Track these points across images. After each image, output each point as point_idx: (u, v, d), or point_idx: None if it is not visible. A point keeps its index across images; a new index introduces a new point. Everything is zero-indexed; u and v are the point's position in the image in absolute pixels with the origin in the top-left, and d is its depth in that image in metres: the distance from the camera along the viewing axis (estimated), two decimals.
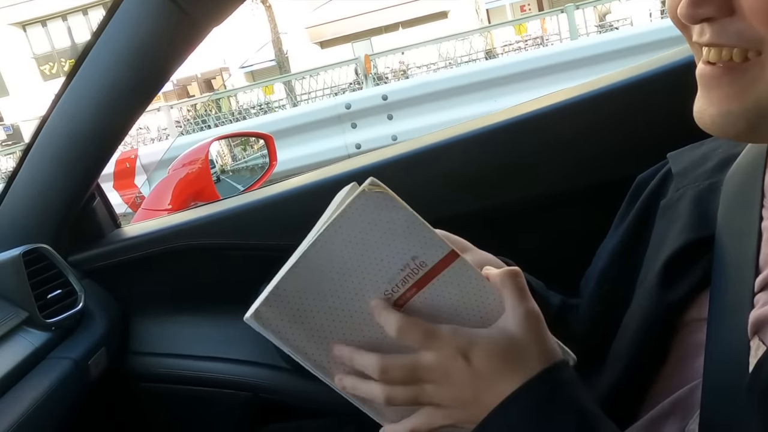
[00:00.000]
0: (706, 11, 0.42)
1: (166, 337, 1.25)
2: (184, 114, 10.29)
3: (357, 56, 8.46)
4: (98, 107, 1.04)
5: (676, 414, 0.47)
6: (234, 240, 1.17)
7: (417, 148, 1.10)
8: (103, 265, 1.21)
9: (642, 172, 0.72)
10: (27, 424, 0.88)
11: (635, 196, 0.68)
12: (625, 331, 0.57)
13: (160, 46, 0.98)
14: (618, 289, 0.62)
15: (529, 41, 11.25)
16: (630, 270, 0.62)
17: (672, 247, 0.54)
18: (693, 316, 0.51)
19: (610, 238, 0.69)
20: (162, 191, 1.70)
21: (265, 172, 1.86)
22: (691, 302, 0.51)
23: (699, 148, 0.62)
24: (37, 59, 23.57)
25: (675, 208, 0.58)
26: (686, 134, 0.95)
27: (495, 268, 0.66)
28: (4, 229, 1.14)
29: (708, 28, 0.43)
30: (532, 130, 1.05)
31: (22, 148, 6.46)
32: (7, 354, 0.93)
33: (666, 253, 0.54)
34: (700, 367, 0.45)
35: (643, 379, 0.52)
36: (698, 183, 0.57)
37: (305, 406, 1.19)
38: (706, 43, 0.44)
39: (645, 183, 0.67)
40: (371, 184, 0.50)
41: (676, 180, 0.61)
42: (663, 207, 0.61)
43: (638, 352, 0.53)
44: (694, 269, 0.52)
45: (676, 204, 0.58)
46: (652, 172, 0.67)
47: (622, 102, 1.02)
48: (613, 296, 0.63)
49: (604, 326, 0.62)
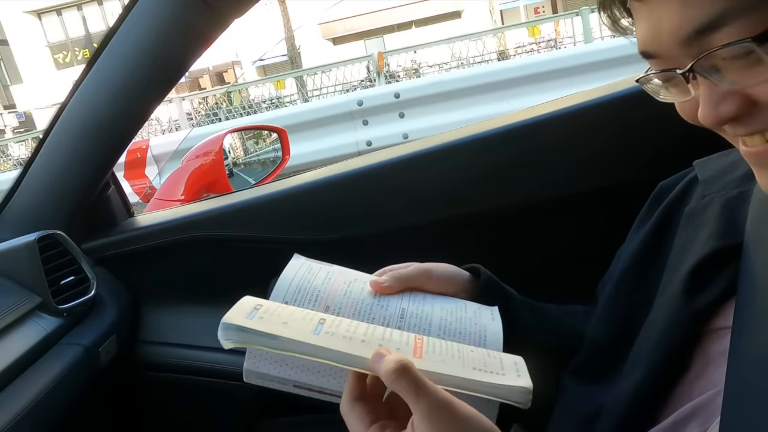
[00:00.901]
0: (728, 110, 0.41)
1: (176, 327, 1.26)
2: (196, 106, 10.32)
3: (370, 53, 8.45)
4: (116, 96, 1.04)
5: (696, 419, 0.47)
6: (246, 232, 1.17)
7: (426, 148, 1.11)
8: (115, 253, 1.22)
9: (647, 177, 0.72)
10: (37, 408, 0.89)
11: (657, 201, 0.67)
12: (646, 337, 0.56)
13: (181, 37, 0.98)
14: (638, 293, 0.62)
15: (542, 43, 11.21)
16: (651, 275, 0.61)
17: (699, 255, 0.53)
18: (718, 324, 0.50)
19: (629, 242, 0.69)
20: (175, 182, 1.70)
21: (277, 166, 1.86)
22: (717, 310, 0.51)
23: (727, 156, 0.62)
24: (51, 48, 23.72)
25: (701, 216, 0.58)
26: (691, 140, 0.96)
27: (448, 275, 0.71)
28: (20, 215, 1.14)
29: (738, 123, 0.43)
30: (538, 133, 1.06)
31: (35, 136, 6.54)
32: (20, 338, 0.94)
33: (692, 260, 0.53)
34: (723, 375, 0.45)
35: (664, 385, 0.52)
36: (726, 191, 0.57)
37: (311, 400, 1.19)
38: (743, 134, 0.44)
39: (668, 189, 0.66)
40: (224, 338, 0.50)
41: (703, 187, 0.61)
42: (687, 214, 0.60)
43: (661, 358, 0.52)
44: (720, 277, 0.51)
45: (702, 211, 0.58)
46: (676, 179, 0.67)
47: (628, 108, 1.02)
48: (633, 300, 0.63)
49: (621, 329, 0.62)
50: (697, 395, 0.48)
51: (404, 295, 0.66)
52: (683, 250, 0.56)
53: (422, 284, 0.69)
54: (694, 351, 0.51)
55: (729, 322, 0.48)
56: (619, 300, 0.64)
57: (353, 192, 1.13)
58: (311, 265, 0.67)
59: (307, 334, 0.50)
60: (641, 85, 0.50)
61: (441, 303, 0.66)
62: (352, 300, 0.63)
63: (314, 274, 0.65)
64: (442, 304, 0.66)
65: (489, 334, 0.62)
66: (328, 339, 0.49)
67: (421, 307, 0.64)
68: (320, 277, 0.64)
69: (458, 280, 0.72)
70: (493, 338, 0.62)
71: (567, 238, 1.08)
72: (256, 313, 0.52)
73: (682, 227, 0.60)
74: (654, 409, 0.52)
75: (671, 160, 0.88)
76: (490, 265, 0.82)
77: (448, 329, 0.61)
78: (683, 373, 0.51)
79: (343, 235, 1.13)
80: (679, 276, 0.54)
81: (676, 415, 0.48)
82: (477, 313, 0.66)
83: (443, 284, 0.70)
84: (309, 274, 0.65)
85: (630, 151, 1.02)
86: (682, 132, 0.97)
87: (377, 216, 1.13)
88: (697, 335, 0.51)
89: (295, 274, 0.64)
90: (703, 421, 0.46)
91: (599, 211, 1.05)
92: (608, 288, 0.67)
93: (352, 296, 0.63)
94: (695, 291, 0.52)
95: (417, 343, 0.52)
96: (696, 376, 0.50)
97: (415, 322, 0.61)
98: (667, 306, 0.54)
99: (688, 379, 0.51)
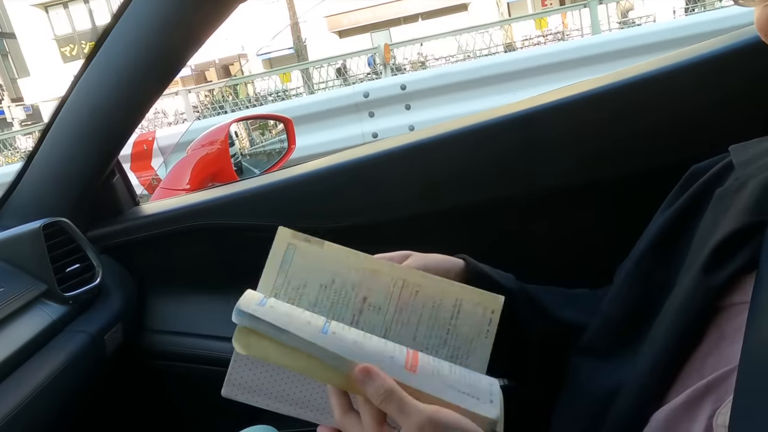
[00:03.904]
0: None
1: (181, 315, 1.26)
2: (202, 99, 10.32)
3: (376, 45, 8.42)
4: (121, 83, 1.04)
5: (710, 396, 0.46)
6: (251, 221, 1.17)
7: (432, 137, 1.10)
8: (121, 241, 1.22)
9: (663, 166, 0.70)
10: (42, 395, 0.89)
11: (688, 184, 0.66)
12: (664, 315, 0.55)
13: (185, 22, 0.98)
14: (658, 273, 0.61)
15: (549, 36, 11.15)
16: (674, 255, 0.60)
17: (725, 231, 0.52)
18: (735, 299, 0.50)
19: (655, 222, 0.68)
20: (181, 171, 1.70)
21: (284, 155, 1.85)
22: (735, 285, 0.50)
23: (764, 143, 0.61)
24: (58, 41, 23.76)
25: (732, 197, 0.57)
26: (713, 127, 0.95)
27: (444, 268, 0.70)
28: (25, 203, 1.14)
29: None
30: (548, 121, 1.04)
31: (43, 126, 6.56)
32: (25, 325, 0.94)
33: (718, 237, 0.53)
34: (737, 352, 0.44)
35: (678, 361, 0.51)
36: (761, 173, 0.56)
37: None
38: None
39: (701, 172, 0.65)
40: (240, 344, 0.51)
41: (738, 170, 0.60)
42: (718, 195, 0.59)
43: (676, 335, 0.52)
44: (742, 252, 0.51)
45: (734, 192, 0.57)
46: (709, 163, 0.66)
47: (635, 97, 1.00)
48: (652, 279, 0.62)
49: (638, 308, 0.61)
50: (708, 371, 0.47)
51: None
52: (710, 231, 0.56)
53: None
54: (708, 326, 0.50)
55: (747, 297, 0.47)
56: (637, 279, 0.64)
57: (359, 180, 1.13)
58: (296, 251, 0.65)
59: (316, 333, 0.51)
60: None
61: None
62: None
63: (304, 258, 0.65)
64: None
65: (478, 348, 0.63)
66: (334, 340, 0.51)
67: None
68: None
69: (453, 274, 0.71)
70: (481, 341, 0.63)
71: (574, 229, 1.06)
72: (266, 302, 0.54)
73: (711, 208, 0.59)
74: (667, 386, 0.51)
75: (687, 149, 0.86)
76: (495, 254, 0.81)
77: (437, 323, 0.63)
78: (696, 347, 0.51)
79: (349, 223, 1.12)
80: (703, 253, 0.53)
81: (688, 393, 0.48)
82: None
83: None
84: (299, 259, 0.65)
85: (645, 139, 1.00)
86: (700, 119, 0.96)
87: (383, 205, 1.12)
88: (713, 309, 0.50)
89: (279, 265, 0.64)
90: (717, 399, 0.45)
91: (605, 203, 1.04)
92: (627, 266, 0.66)
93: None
94: (715, 266, 0.51)
95: (408, 356, 0.53)
96: (708, 352, 0.49)
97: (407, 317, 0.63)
98: (688, 283, 0.53)
99: (700, 354, 0.50)
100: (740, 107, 0.93)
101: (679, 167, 0.71)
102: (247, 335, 0.51)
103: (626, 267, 0.67)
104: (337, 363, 0.49)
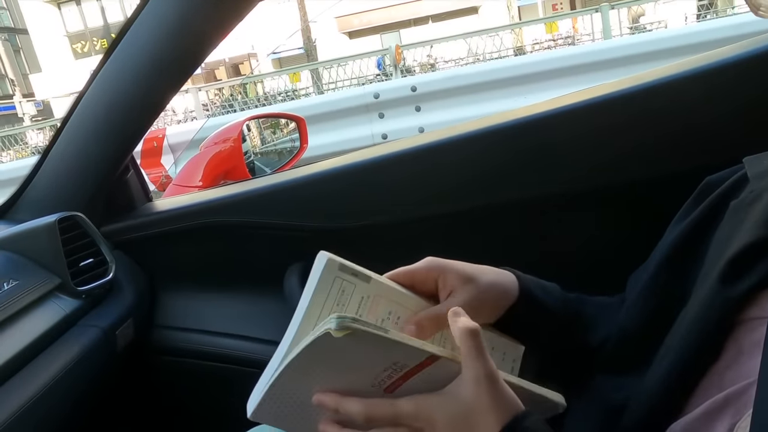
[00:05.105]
0: None
1: (192, 312, 1.26)
2: (211, 98, 10.36)
3: (387, 47, 8.42)
4: (139, 79, 1.04)
5: (728, 409, 0.46)
6: (263, 219, 1.17)
7: (441, 139, 1.09)
8: (133, 237, 1.22)
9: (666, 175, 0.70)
10: (55, 388, 0.90)
11: (702, 196, 0.66)
12: (680, 325, 0.55)
13: (204, 19, 0.98)
14: (674, 285, 0.61)
15: (559, 40, 11.12)
16: (690, 267, 0.60)
17: (741, 243, 0.52)
18: (753, 314, 0.49)
19: (669, 233, 0.67)
20: (193, 168, 1.71)
21: (296, 154, 1.86)
22: (752, 300, 0.50)
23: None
24: (70, 37, 23.92)
25: (747, 209, 0.56)
26: (712, 141, 0.95)
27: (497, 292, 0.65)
28: (41, 197, 1.15)
29: None
30: (553, 127, 1.04)
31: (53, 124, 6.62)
32: (39, 318, 0.95)
33: (733, 249, 0.52)
34: (756, 366, 0.44)
35: (694, 373, 0.51)
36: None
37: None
38: None
39: (714, 185, 0.65)
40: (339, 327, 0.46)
41: (752, 182, 0.59)
42: (733, 207, 0.59)
43: (692, 345, 0.51)
44: (758, 267, 0.50)
45: (749, 205, 0.57)
46: (724, 175, 0.65)
47: (648, 104, 0.99)
48: (668, 291, 0.61)
49: (654, 321, 0.61)
50: (727, 385, 0.47)
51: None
52: (725, 243, 0.55)
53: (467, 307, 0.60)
54: (726, 340, 0.50)
55: (765, 312, 0.47)
56: (654, 291, 0.63)
57: (370, 182, 1.13)
58: (344, 286, 0.59)
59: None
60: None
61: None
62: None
63: (347, 299, 0.59)
64: None
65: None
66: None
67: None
68: (352, 308, 0.59)
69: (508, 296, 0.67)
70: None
71: (584, 235, 1.06)
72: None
73: (726, 220, 0.59)
74: (683, 398, 0.51)
75: (700, 157, 0.86)
76: (505, 257, 0.81)
77: None
78: (714, 362, 0.50)
79: (359, 223, 1.13)
80: (718, 267, 0.53)
81: (707, 406, 0.47)
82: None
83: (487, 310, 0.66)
84: (342, 297, 0.59)
85: (658, 146, 1.00)
86: (714, 128, 0.96)
87: (394, 206, 1.12)
88: (730, 324, 0.50)
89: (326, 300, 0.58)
90: (735, 413, 0.45)
91: (611, 209, 1.04)
92: (643, 278, 0.66)
93: None
94: (732, 279, 0.51)
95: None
96: (727, 366, 0.49)
97: None
98: (703, 295, 0.53)
99: (719, 369, 0.50)
100: (755, 117, 0.92)
101: (691, 175, 0.70)
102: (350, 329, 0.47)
103: (642, 279, 0.67)
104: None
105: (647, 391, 0.54)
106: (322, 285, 0.58)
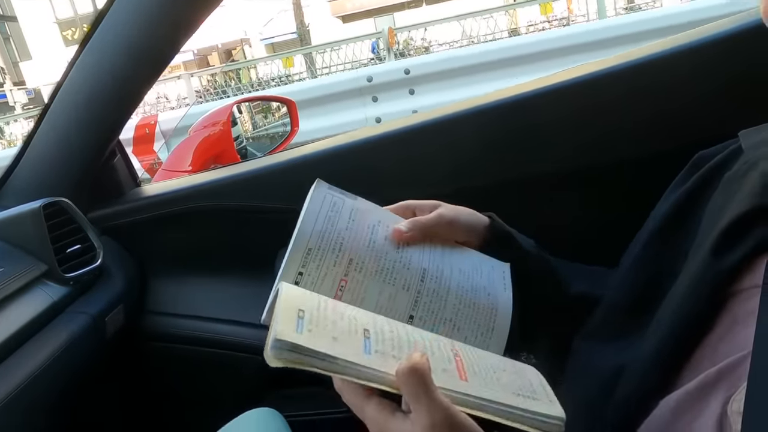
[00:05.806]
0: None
1: (183, 297, 1.25)
2: (204, 84, 10.28)
3: (380, 30, 8.35)
4: (120, 62, 1.03)
5: (723, 383, 0.45)
6: (253, 202, 1.16)
7: (436, 118, 1.09)
8: (121, 222, 1.21)
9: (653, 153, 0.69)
10: (43, 376, 0.89)
11: (694, 168, 0.65)
12: (671, 299, 0.54)
13: (178, 7, 0.96)
14: (666, 256, 0.60)
15: (554, 22, 11.05)
16: (682, 238, 0.59)
17: (734, 213, 0.51)
18: (747, 283, 0.48)
19: (661, 204, 0.66)
20: (183, 153, 1.69)
21: (287, 137, 1.84)
22: (746, 268, 0.49)
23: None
24: (60, 24, 23.68)
25: (741, 180, 0.55)
26: (697, 117, 0.94)
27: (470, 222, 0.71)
28: (25, 183, 1.14)
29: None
30: (539, 107, 1.03)
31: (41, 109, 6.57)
32: (26, 305, 0.93)
33: (726, 220, 0.51)
34: (750, 336, 0.43)
35: (687, 345, 0.50)
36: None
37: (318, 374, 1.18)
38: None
39: (707, 158, 0.64)
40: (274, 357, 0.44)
41: (747, 153, 0.59)
42: (727, 179, 0.58)
43: (685, 316, 0.51)
44: (752, 234, 0.49)
45: (743, 175, 0.56)
46: (716, 150, 0.65)
47: (633, 82, 0.99)
48: (660, 262, 0.61)
49: (645, 291, 0.60)
50: (721, 357, 0.46)
51: (425, 249, 0.66)
52: (718, 214, 0.54)
53: (445, 233, 0.68)
54: (719, 312, 0.49)
55: (759, 281, 0.46)
56: (644, 263, 0.63)
57: (360, 163, 1.12)
58: (334, 200, 0.66)
59: (360, 353, 0.47)
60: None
61: (458, 263, 0.66)
62: (375, 253, 0.63)
63: (338, 212, 0.65)
64: (460, 265, 0.66)
65: (500, 309, 0.64)
66: (379, 360, 0.47)
67: (441, 267, 0.65)
68: (344, 218, 0.65)
69: (479, 230, 0.72)
70: (503, 314, 0.64)
71: (570, 215, 1.05)
72: (303, 324, 0.47)
73: (719, 191, 0.58)
74: (676, 371, 0.50)
75: (687, 134, 0.85)
76: None
77: (463, 300, 0.63)
78: (707, 333, 0.49)
79: None
80: (710, 238, 0.52)
81: (701, 379, 0.47)
82: (490, 278, 0.66)
83: (464, 235, 0.70)
84: (332, 213, 0.65)
85: (644, 124, 0.99)
86: (698, 105, 0.95)
87: (385, 186, 1.11)
88: (723, 297, 0.49)
89: (318, 213, 0.64)
90: (730, 386, 0.44)
91: (604, 187, 1.03)
92: (635, 250, 0.65)
93: (375, 248, 0.64)
94: (724, 249, 0.50)
95: (458, 363, 0.50)
96: (720, 338, 0.48)
97: (434, 287, 0.63)
98: (696, 266, 0.52)
99: (712, 341, 0.49)
100: (739, 92, 0.92)
101: (678, 153, 0.70)
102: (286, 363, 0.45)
103: (632, 252, 0.66)
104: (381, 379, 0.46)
105: (637, 362, 0.54)
106: (315, 200, 0.65)
